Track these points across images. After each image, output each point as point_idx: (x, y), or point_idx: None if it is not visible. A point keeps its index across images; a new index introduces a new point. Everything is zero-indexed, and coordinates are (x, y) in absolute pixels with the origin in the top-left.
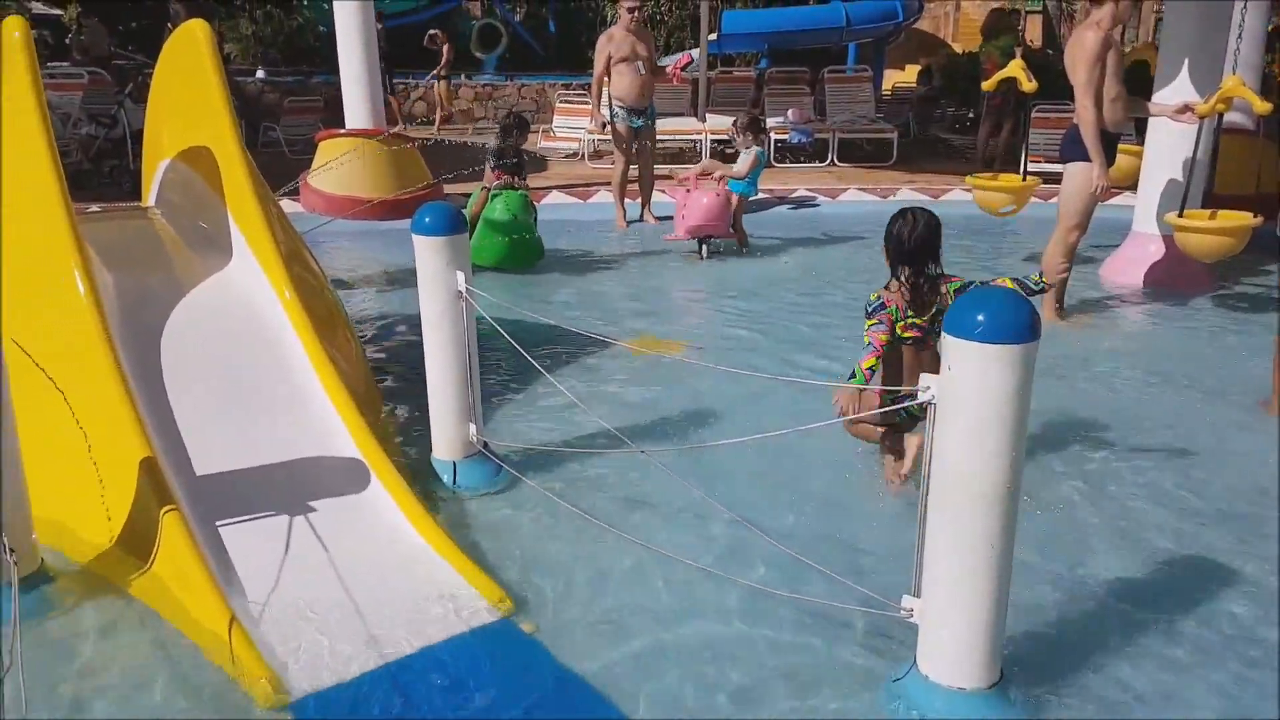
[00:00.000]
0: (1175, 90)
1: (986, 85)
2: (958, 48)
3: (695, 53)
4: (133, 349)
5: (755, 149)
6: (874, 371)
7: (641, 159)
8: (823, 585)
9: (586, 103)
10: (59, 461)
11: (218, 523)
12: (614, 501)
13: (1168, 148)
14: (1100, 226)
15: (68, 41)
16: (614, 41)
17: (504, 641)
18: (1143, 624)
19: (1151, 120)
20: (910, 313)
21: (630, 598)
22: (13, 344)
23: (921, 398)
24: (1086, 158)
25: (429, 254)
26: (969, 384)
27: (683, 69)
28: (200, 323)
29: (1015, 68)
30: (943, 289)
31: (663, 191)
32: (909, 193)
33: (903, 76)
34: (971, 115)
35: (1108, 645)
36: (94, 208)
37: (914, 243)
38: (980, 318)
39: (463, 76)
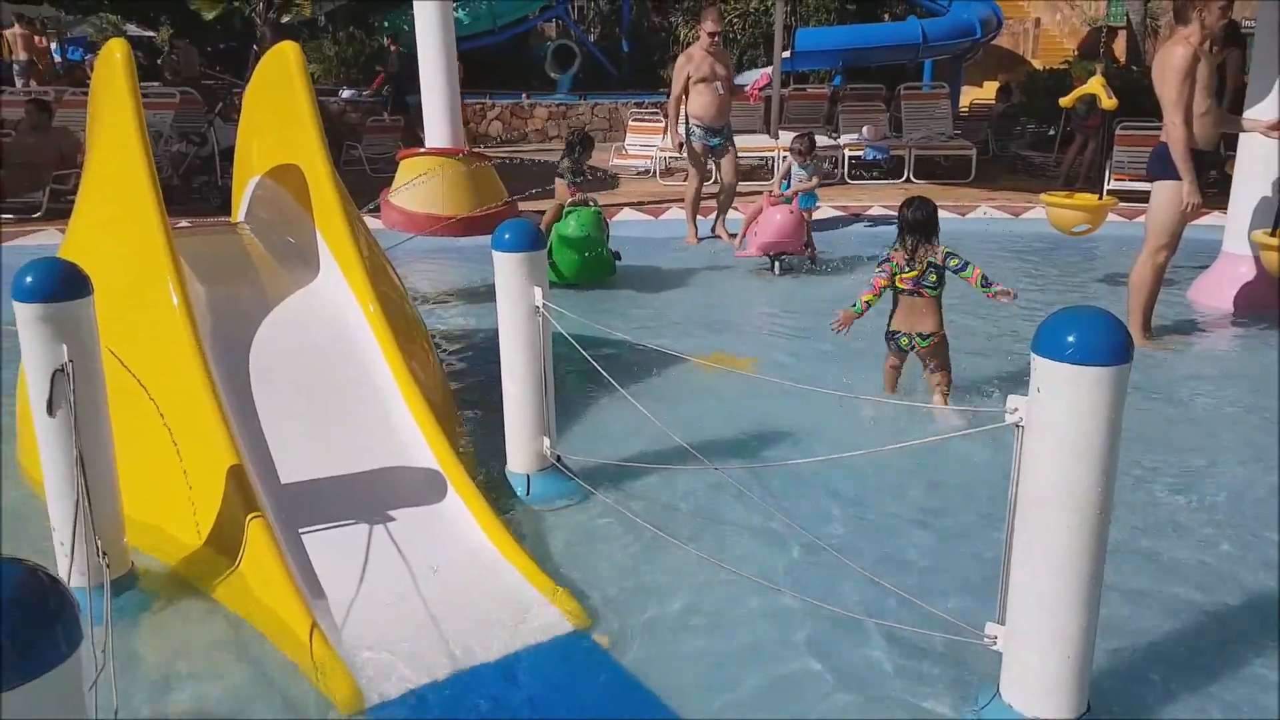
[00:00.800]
0: (1269, 105)
1: (1064, 102)
2: (1038, 64)
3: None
4: (223, 359)
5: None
6: (870, 305)
7: (725, 176)
8: (900, 609)
9: (658, 121)
10: (150, 467)
11: (300, 529)
12: (686, 518)
13: (1260, 165)
14: (1190, 247)
15: (160, 62)
16: (693, 61)
17: (578, 654)
18: (1234, 658)
19: (1242, 136)
20: (906, 269)
21: (702, 615)
22: (109, 353)
23: (1009, 419)
24: (1175, 175)
25: (508, 270)
26: (1059, 406)
27: (761, 89)
28: (287, 334)
29: (1095, 84)
30: (936, 253)
31: (737, 209)
32: (989, 209)
33: (980, 93)
34: (1052, 132)
35: (1196, 678)
36: (184, 222)
37: (914, 222)
38: (1071, 338)
39: (523, 97)
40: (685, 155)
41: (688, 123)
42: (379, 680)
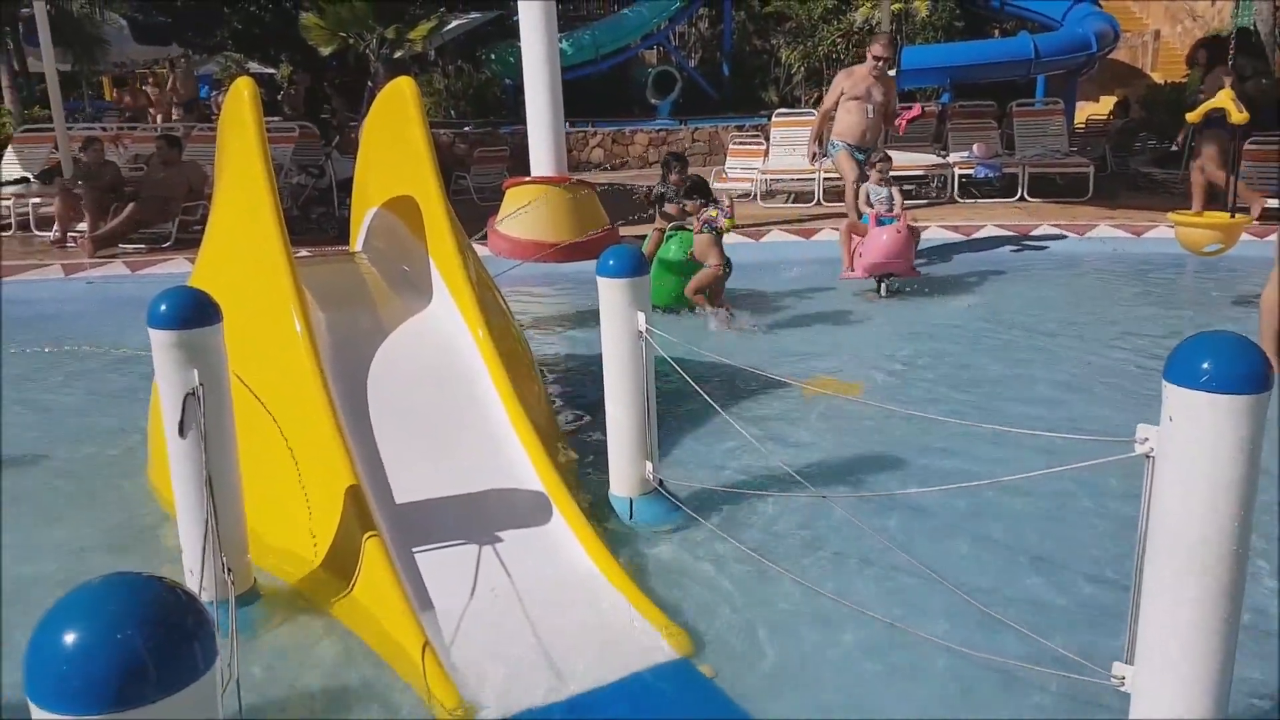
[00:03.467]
0: None
1: (1192, 117)
2: (1158, 77)
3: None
4: (341, 383)
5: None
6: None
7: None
8: (1019, 645)
9: (759, 144)
10: (272, 487)
11: (413, 548)
12: (791, 546)
13: None
14: None
15: (279, 98)
16: (852, 78)
17: (682, 682)
18: None
19: None
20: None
21: (808, 646)
22: (235, 377)
23: (1138, 449)
24: None
25: (612, 295)
26: (1192, 436)
27: (910, 121)
28: (402, 359)
29: (1224, 98)
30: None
31: (835, 229)
32: (1107, 229)
33: (1097, 109)
34: (1174, 148)
35: None
36: (303, 252)
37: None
38: (1206, 365)
39: (587, 124)
40: (811, 164)
41: (831, 139)
42: (486, 699)
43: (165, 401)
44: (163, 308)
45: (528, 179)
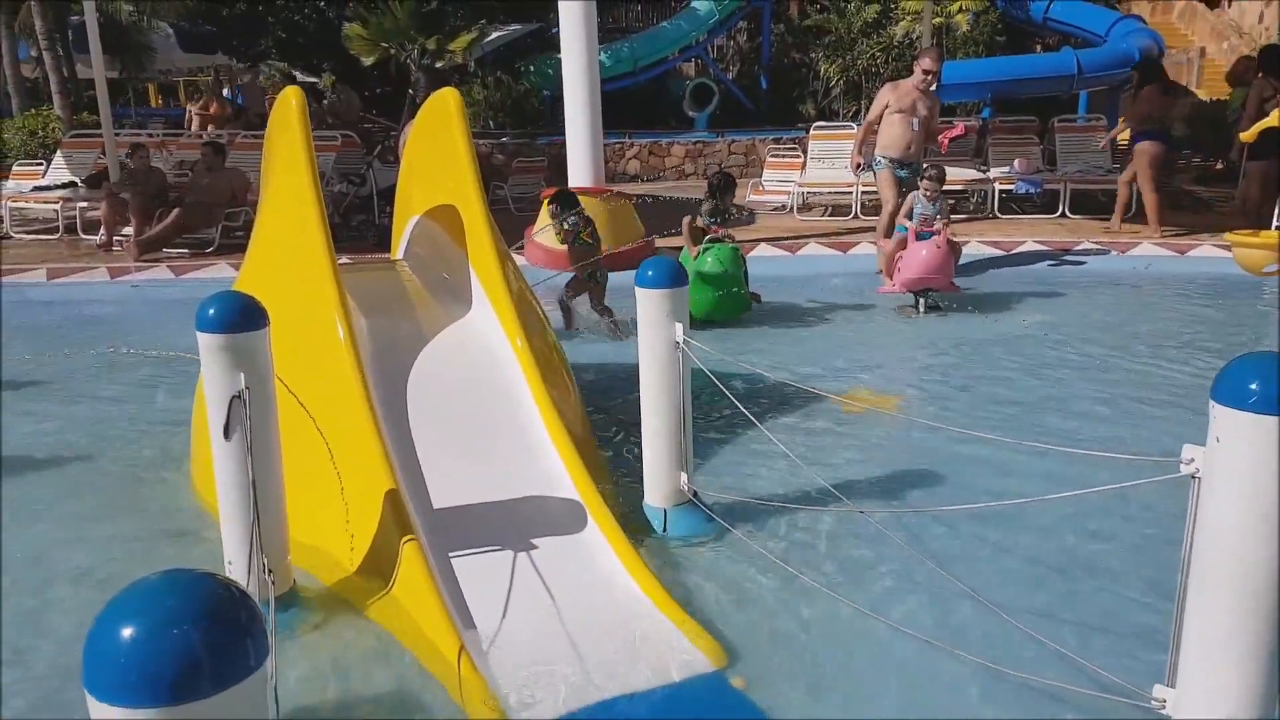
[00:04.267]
0: None
1: (1246, 136)
2: (1203, 94)
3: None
4: (382, 388)
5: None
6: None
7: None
8: (1057, 665)
9: (796, 156)
10: (312, 489)
11: (450, 553)
12: (826, 560)
13: None
14: None
15: (323, 105)
16: (898, 91)
17: (714, 694)
18: None
19: None
20: None
21: (843, 662)
22: (279, 381)
23: (1184, 470)
24: None
25: (650, 305)
26: (1240, 458)
27: (952, 140)
28: (441, 366)
29: (1277, 117)
30: None
31: (873, 244)
32: (1150, 247)
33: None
34: (1220, 165)
35: None
36: (344, 259)
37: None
38: (1254, 386)
39: (624, 135)
40: (854, 174)
41: (875, 153)
42: (520, 705)
43: (211, 404)
44: (211, 311)
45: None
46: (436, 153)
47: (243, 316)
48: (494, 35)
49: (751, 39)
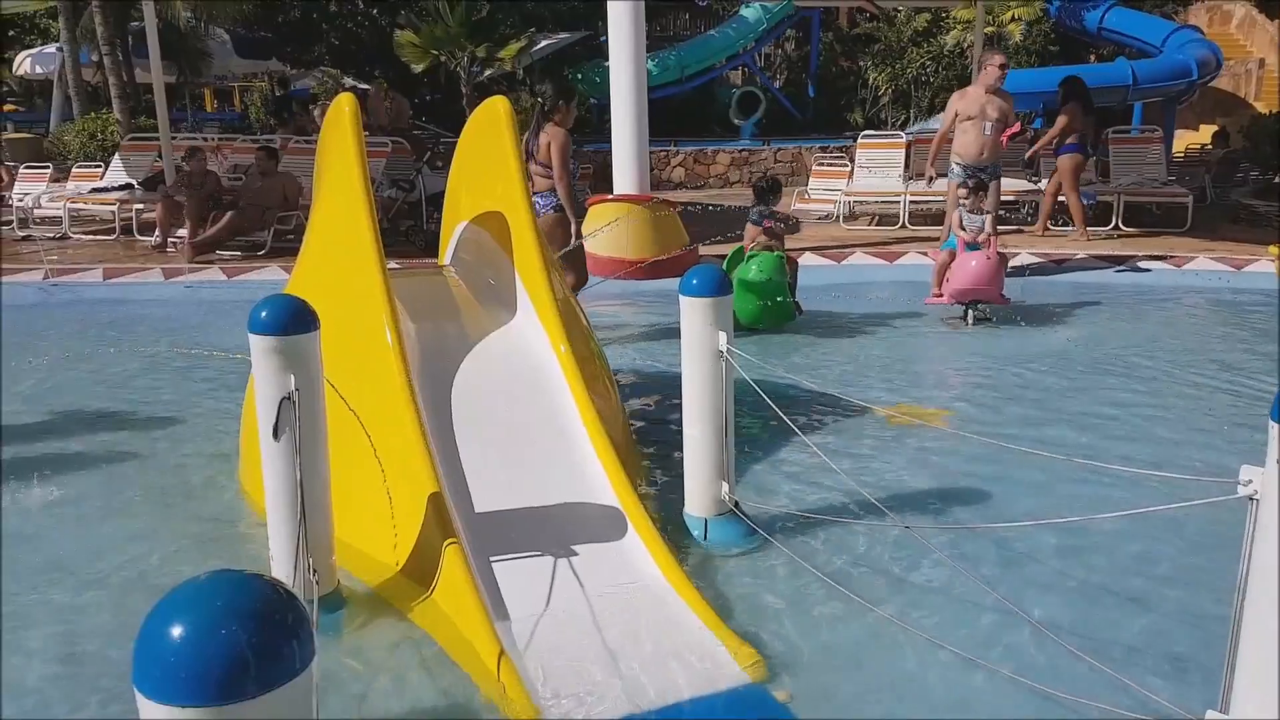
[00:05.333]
0: None
1: None
2: (1261, 107)
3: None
4: (428, 392)
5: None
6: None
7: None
8: (1107, 688)
9: (843, 165)
10: (358, 491)
11: (491, 557)
12: (868, 574)
13: None
14: None
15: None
16: (965, 99)
17: (755, 707)
18: None
19: None
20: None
21: (884, 678)
22: (327, 384)
23: (1242, 491)
24: None
25: (694, 314)
26: None
27: (1011, 138)
28: (486, 371)
29: None
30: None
31: (923, 253)
32: (1206, 262)
33: (1196, 138)
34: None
35: None
36: (392, 264)
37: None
38: None
39: (669, 143)
40: (928, 187)
41: (951, 161)
42: (557, 710)
43: (261, 404)
44: (263, 314)
45: (611, 197)
46: (485, 159)
47: (294, 319)
48: (543, 43)
49: (800, 47)
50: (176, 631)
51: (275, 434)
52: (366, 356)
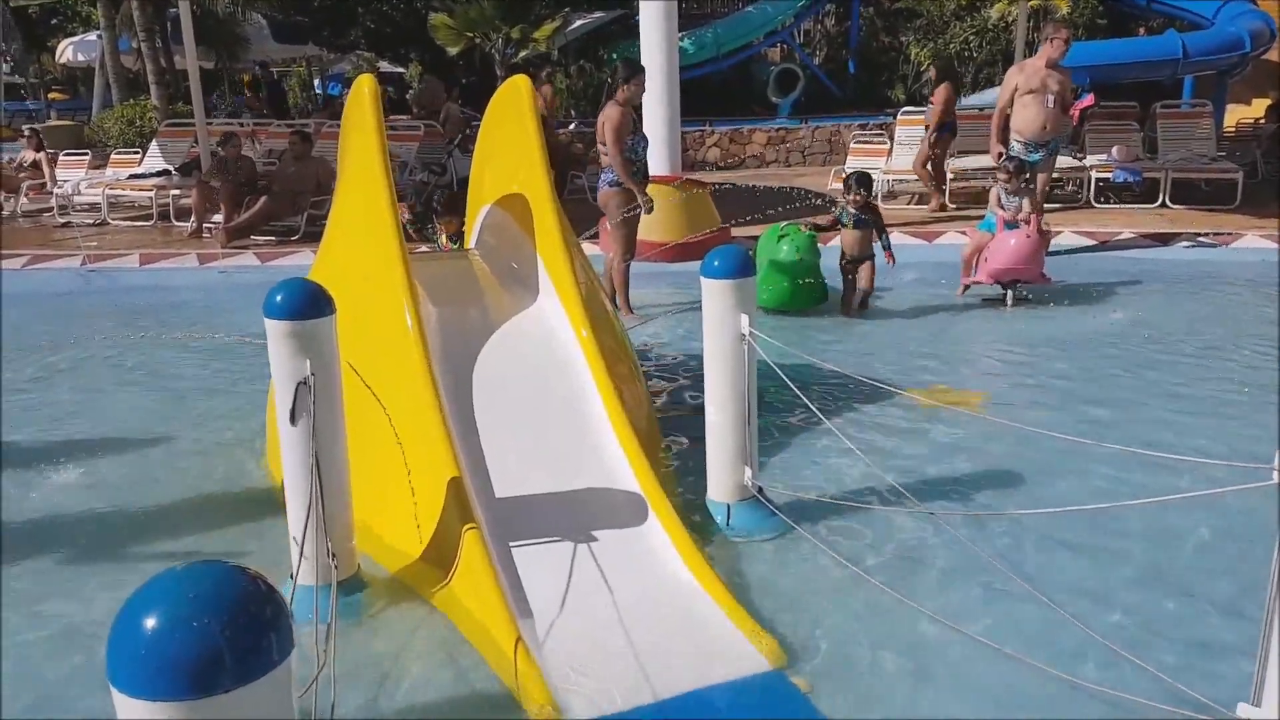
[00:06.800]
0: None
1: None
2: None
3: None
4: (449, 376)
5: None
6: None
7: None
8: (1136, 679)
9: (882, 143)
10: (380, 474)
11: (511, 543)
12: (894, 562)
13: None
14: None
15: (408, 96)
16: (1024, 73)
17: (775, 695)
18: None
19: None
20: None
21: (907, 666)
22: (350, 368)
23: (1276, 478)
24: None
25: (715, 296)
26: None
27: (1084, 110)
28: (508, 355)
29: None
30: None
31: (962, 233)
32: (1256, 239)
33: (1249, 112)
34: None
35: None
36: (423, 247)
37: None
38: None
39: (703, 123)
40: (996, 163)
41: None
42: (575, 698)
43: (278, 389)
44: (278, 298)
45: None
46: (507, 141)
47: (309, 303)
48: (577, 23)
49: (840, 22)
50: (149, 624)
51: (292, 418)
52: (387, 341)
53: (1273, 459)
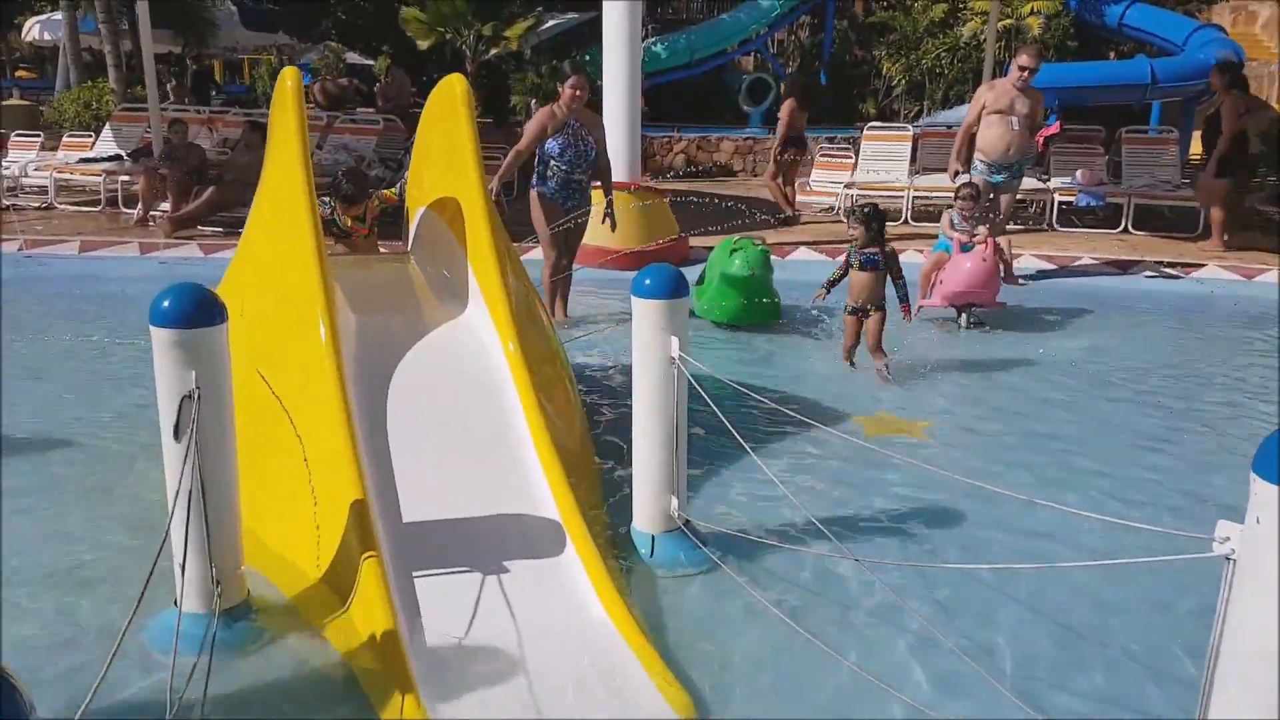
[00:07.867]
0: None
1: None
2: None
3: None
4: (365, 388)
5: None
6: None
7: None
8: None
9: (848, 157)
10: (284, 492)
11: (414, 572)
12: (818, 606)
13: None
14: None
15: (376, 89)
16: (994, 91)
17: None
18: None
19: None
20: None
21: (824, 715)
22: (260, 376)
23: (1217, 549)
24: None
25: (645, 317)
26: None
27: (1048, 138)
28: (430, 367)
29: None
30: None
31: (920, 251)
32: (1216, 269)
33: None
34: None
35: None
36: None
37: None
38: None
39: (672, 129)
40: (953, 182)
41: (973, 157)
42: None
43: (161, 402)
44: (165, 304)
45: (595, 183)
46: (443, 141)
47: (197, 311)
48: (550, 24)
49: (814, 34)
50: None
51: (176, 434)
52: (300, 350)
53: (1225, 514)
